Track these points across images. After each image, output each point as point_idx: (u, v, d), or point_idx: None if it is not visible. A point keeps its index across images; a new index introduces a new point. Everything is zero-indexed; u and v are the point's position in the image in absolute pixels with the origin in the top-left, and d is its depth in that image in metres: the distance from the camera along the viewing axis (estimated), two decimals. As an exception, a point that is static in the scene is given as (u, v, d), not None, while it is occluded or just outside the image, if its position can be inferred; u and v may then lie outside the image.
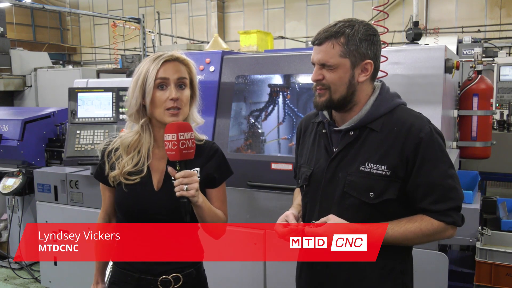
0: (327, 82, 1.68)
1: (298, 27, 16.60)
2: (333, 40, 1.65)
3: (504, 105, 6.41)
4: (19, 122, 4.59)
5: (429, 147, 1.64)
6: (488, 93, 3.34)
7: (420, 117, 1.71)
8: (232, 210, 3.14)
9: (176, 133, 1.65)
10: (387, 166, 1.64)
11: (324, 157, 1.77)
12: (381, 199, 1.66)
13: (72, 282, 3.98)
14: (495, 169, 4.09)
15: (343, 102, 1.69)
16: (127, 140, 1.83)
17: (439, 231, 1.66)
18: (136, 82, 1.77)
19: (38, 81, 7.49)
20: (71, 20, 21.82)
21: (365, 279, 1.72)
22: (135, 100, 1.78)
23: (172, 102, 1.75)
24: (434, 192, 1.64)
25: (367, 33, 1.67)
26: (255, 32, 4.82)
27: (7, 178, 4.53)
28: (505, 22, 13.83)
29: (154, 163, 1.84)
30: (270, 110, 3.85)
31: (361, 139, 1.70)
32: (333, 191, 1.73)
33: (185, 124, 1.69)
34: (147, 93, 1.75)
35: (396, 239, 1.65)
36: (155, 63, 1.76)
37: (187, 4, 18.82)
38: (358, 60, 1.66)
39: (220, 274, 3.22)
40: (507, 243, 2.72)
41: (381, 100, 1.72)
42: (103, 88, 4.29)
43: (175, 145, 1.65)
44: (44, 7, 9.07)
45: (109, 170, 1.83)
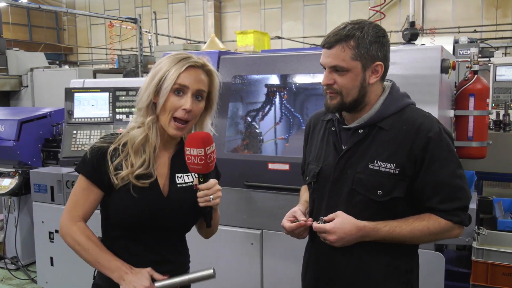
0: (338, 86, 1.68)
1: (295, 27, 16.59)
2: (343, 44, 1.65)
3: (500, 105, 6.42)
4: (15, 122, 4.58)
5: (437, 147, 1.65)
6: (484, 93, 3.35)
7: (429, 117, 1.73)
8: (229, 210, 3.15)
9: (203, 148, 1.58)
10: (395, 165, 1.65)
11: (333, 155, 1.78)
12: (389, 197, 1.67)
13: (68, 283, 3.97)
14: (491, 169, 4.09)
15: (355, 104, 1.71)
16: (136, 137, 1.67)
17: (446, 230, 1.68)
18: (153, 78, 1.66)
19: (34, 81, 7.47)
20: (68, 20, 21.74)
21: (370, 277, 1.73)
22: (147, 95, 1.66)
23: (184, 112, 1.64)
24: (442, 192, 1.65)
25: (376, 35, 1.67)
26: (252, 32, 4.82)
27: (3, 178, 4.52)
28: (501, 23, 13.86)
29: (158, 168, 1.73)
30: (267, 110, 3.85)
31: (370, 137, 1.71)
32: (341, 188, 1.74)
33: (208, 136, 1.63)
34: (162, 94, 1.64)
35: (404, 237, 1.66)
36: (178, 65, 1.64)
37: (184, 4, 18.79)
38: (368, 62, 1.67)
39: (218, 274, 3.22)
40: (503, 243, 2.73)
41: (391, 99, 1.73)
42: (100, 88, 4.29)
43: (203, 159, 1.59)
44: (40, 7, 9.04)
45: (113, 170, 1.65)
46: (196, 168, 1.61)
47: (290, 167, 2.92)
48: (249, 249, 3.14)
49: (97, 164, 1.67)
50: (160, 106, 1.65)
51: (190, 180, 1.76)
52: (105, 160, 1.66)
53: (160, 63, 1.69)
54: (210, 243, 3.23)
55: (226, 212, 3.18)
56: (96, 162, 1.67)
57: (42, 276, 4.14)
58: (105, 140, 1.72)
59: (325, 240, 1.69)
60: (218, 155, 1.78)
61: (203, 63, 1.69)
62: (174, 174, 1.75)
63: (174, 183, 1.74)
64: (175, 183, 1.74)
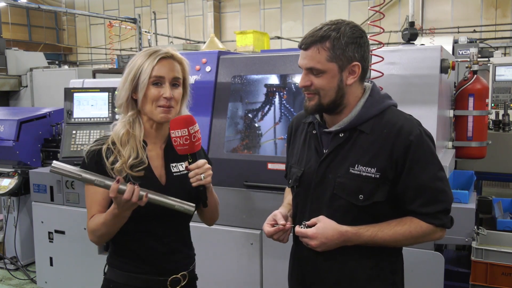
0: (315, 87, 1.67)
1: (295, 27, 16.59)
2: (318, 45, 1.63)
3: (499, 105, 6.43)
4: (14, 122, 4.57)
5: (418, 150, 1.63)
6: (483, 93, 3.35)
7: (410, 119, 1.70)
8: (229, 210, 3.15)
9: (186, 128, 1.68)
10: (376, 169, 1.64)
11: (314, 158, 1.77)
12: (370, 201, 1.66)
13: (68, 283, 3.97)
14: (490, 169, 4.09)
15: (333, 105, 1.69)
16: (118, 131, 1.80)
17: (428, 233, 1.67)
18: (128, 75, 1.78)
19: (33, 81, 7.45)
20: (67, 20, 21.74)
21: (355, 279, 1.72)
22: (124, 91, 1.79)
23: (165, 100, 1.75)
24: (423, 195, 1.64)
25: (353, 35, 1.64)
26: (252, 32, 4.81)
27: (2, 178, 4.51)
28: (500, 23, 13.87)
29: (152, 160, 1.83)
30: (266, 110, 3.85)
31: (351, 141, 1.70)
32: (323, 192, 1.73)
33: (190, 117, 1.72)
34: (140, 89, 1.75)
35: (386, 241, 1.66)
36: (150, 59, 1.75)
37: (183, 4, 18.79)
38: (345, 63, 1.64)
39: (217, 274, 3.22)
40: (502, 243, 2.73)
41: (371, 102, 1.71)
42: (99, 88, 4.29)
43: (187, 139, 1.69)
44: (40, 7, 9.03)
45: (109, 165, 1.75)
46: (183, 149, 1.71)
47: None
48: (249, 249, 3.14)
49: (95, 166, 1.75)
50: (141, 99, 1.76)
51: (183, 168, 1.86)
52: (101, 160, 1.76)
53: (133, 60, 1.79)
54: (210, 243, 3.24)
55: (226, 212, 3.18)
56: (94, 165, 1.76)
57: (42, 276, 4.14)
58: (98, 143, 1.82)
59: (307, 245, 1.69)
60: (218, 155, 1.80)
61: (172, 53, 1.80)
62: (169, 164, 1.85)
63: (170, 172, 1.84)
64: (171, 172, 1.84)
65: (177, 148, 1.71)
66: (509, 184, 5.74)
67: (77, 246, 3.79)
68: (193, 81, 3.30)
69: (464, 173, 3.30)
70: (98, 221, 1.73)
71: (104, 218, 1.70)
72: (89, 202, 1.80)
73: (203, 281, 2.09)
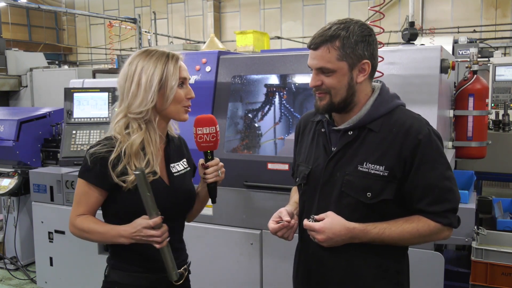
0: (326, 87, 1.68)
1: (295, 27, 16.60)
2: (328, 45, 1.64)
3: (499, 105, 6.43)
4: (14, 122, 4.57)
5: (427, 149, 1.64)
6: (483, 93, 3.35)
7: (419, 119, 1.71)
8: (229, 210, 3.15)
9: (214, 126, 1.82)
10: (385, 167, 1.65)
11: (322, 156, 1.77)
12: (378, 199, 1.66)
13: (68, 283, 3.97)
14: (490, 169, 4.10)
15: (344, 104, 1.70)
16: (135, 141, 1.74)
17: (435, 232, 1.68)
18: (149, 80, 1.75)
19: (33, 81, 7.45)
20: (67, 20, 21.75)
21: (360, 278, 1.72)
22: (151, 98, 1.75)
23: (189, 100, 1.84)
24: (431, 194, 1.65)
25: (362, 34, 1.66)
26: (251, 32, 4.80)
27: (2, 178, 4.51)
28: (500, 23, 13.88)
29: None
30: (266, 110, 3.85)
31: (359, 139, 1.70)
32: (330, 190, 1.73)
33: (212, 117, 1.84)
34: (171, 92, 1.77)
35: (393, 239, 1.66)
36: (172, 62, 1.79)
37: (183, 4, 18.79)
38: (355, 61, 1.66)
39: (217, 274, 3.22)
40: (502, 243, 2.73)
41: (380, 101, 1.72)
42: (99, 88, 4.29)
43: (214, 136, 1.82)
44: (40, 7, 9.01)
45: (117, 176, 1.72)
46: (208, 146, 1.82)
47: (289, 167, 2.92)
48: (249, 249, 3.14)
49: (100, 172, 1.74)
50: (170, 101, 1.78)
51: (181, 168, 1.92)
52: (107, 169, 1.73)
53: (143, 66, 1.77)
54: (210, 243, 3.24)
55: (226, 212, 3.19)
56: (99, 171, 1.74)
57: (42, 276, 4.14)
58: (104, 148, 1.76)
59: (314, 238, 1.69)
60: (217, 155, 1.84)
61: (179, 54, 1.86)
62: (169, 165, 1.88)
63: (171, 173, 1.87)
64: (172, 173, 1.87)
65: (200, 144, 1.81)
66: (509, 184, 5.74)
67: (77, 246, 3.79)
68: (193, 81, 3.30)
69: (464, 173, 3.30)
70: (94, 227, 1.75)
71: (104, 230, 1.74)
72: (79, 198, 1.80)
73: (203, 281, 2.10)
